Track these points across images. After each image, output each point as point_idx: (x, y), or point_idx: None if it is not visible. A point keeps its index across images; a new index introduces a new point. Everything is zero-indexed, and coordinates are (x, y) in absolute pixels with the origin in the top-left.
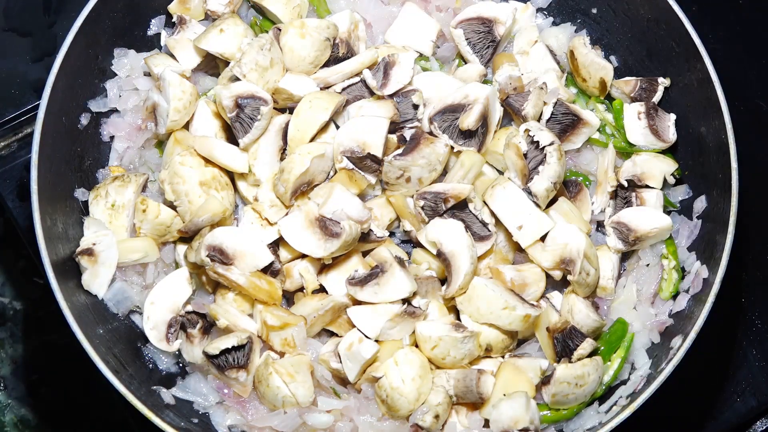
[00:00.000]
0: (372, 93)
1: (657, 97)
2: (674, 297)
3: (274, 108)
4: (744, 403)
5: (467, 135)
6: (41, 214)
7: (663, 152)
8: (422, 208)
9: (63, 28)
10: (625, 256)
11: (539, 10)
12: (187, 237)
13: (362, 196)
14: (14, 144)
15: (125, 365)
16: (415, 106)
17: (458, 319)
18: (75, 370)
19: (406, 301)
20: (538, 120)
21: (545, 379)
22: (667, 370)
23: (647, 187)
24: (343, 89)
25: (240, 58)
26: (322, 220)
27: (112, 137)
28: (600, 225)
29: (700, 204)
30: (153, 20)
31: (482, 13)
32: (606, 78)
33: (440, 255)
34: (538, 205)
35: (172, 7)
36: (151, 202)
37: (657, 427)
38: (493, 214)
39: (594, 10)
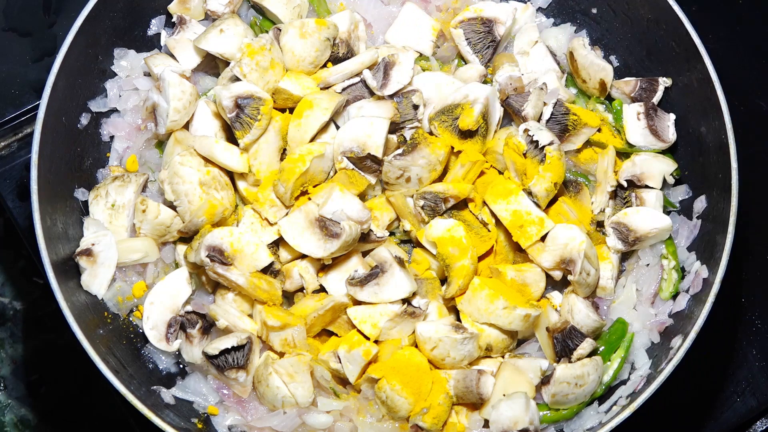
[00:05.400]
0: (372, 93)
1: (657, 97)
2: (674, 297)
3: (274, 108)
4: (744, 403)
5: (467, 135)
6: (41, 214)
7: (663, 152)
8: (422, 208)
9: (63, 28)
10: (625, 256)
11: (539, 10)
12: (187, 237)
13: (362, 196)
14: (14, 144)
15: (125, 365)
16: (415, 106)
17: (458, 319)
18: (75, 370)
19: (406, 301)
20: (538, 120)
21: (545, 379)
22: (667, 370)
23: (647, 187)
24: (343, 89)
25: (240, 58)
26: (322, 221)
27: (112, 137)
28: (600, 225)
29: (700, 204)
30: (153, 20)
31: (482, 13)
32: (606, 79)
33: (440, 255)
34: (538, 205)
35: (172, 7)
36: (151, 202)
37: (657, 427)
38: (493, 214)
39: (594, 10)
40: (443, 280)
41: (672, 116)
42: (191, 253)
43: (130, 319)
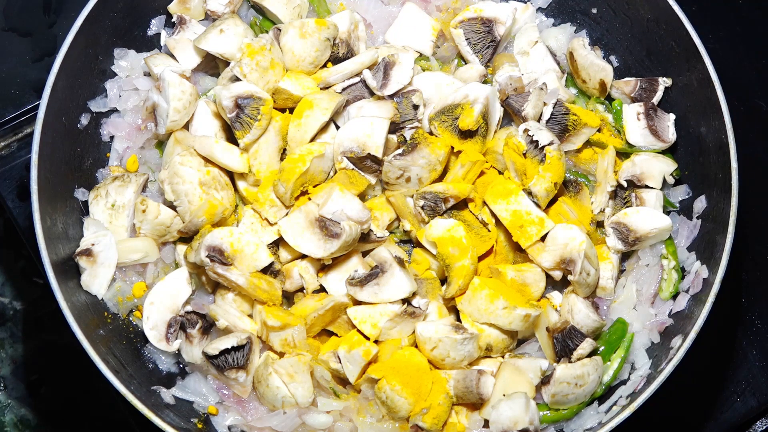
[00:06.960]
0: (372, 93)
1: (657, 97)
2: (674, 297)
3: (274, 108)
4: (744, 403)
5: (467, 135)
6: (41, 214)
7: (663, 152)
8: (422, 208)
9: (63, 28)
10: (625, 256)
11: (539, 10)
12: (187, 237)
13: (362, 196)
14: (14, 144)
15: (125, 365)
16: (415, 106)
17: (458, 319)
18: (75, 370)
19: (406, 301)
20: (538, 120)
21: (545, 379)
22: (667, 370)
23: (647, 187)
24: (343, 89)
25: (240, 58)
26: (322, 221)
27: (112, 137)
28: (600, 225)
29: (700, 204)
30: (153, 20)
31: (482, 13)
32: (606, 79)
33: (440, 255)
34: (538, 205)
35: (172, 7)
36: (151, 202)
37: (657, 427)
38: (493, 214)
39: (594, 10)
40: (443, 280)
41: (672, 116)
42: (191, 253)
43: (130, 319)
